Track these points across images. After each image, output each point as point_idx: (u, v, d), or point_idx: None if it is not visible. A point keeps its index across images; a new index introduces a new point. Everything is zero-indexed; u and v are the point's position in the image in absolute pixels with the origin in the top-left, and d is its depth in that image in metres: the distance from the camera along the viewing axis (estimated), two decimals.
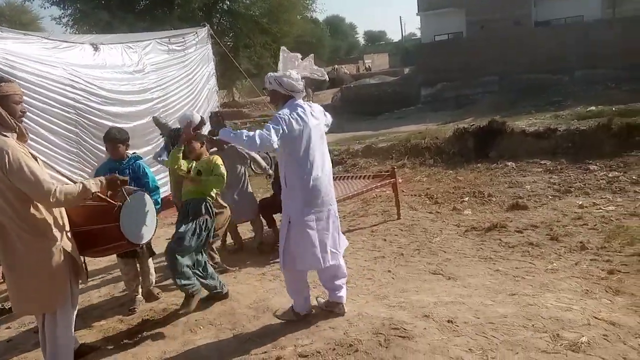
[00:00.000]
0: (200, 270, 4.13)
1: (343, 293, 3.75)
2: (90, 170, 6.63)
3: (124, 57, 7.76)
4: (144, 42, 8.25)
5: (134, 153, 4.58)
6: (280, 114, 3.36)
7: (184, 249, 3.93)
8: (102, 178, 3.03)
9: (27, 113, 3.00)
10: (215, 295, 4.30)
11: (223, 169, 4.27)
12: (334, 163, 8.07)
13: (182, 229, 3.99)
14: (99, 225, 2.92)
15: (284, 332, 3.61)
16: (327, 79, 4.02)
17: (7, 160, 2.62)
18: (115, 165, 4.29)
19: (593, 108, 14.06)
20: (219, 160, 4.33)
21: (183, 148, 4.25)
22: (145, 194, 3.22)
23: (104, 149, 4.50)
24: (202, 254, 4.20)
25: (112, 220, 2.86)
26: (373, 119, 21.46)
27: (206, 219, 4.13)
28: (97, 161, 6.46)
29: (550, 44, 21.49)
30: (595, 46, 20.47)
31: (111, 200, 2.89)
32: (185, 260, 3.95)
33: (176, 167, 4.24)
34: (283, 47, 3.69)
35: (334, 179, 4.48)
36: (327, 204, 3.55)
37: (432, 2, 25.53)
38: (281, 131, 3.26)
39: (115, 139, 4.24)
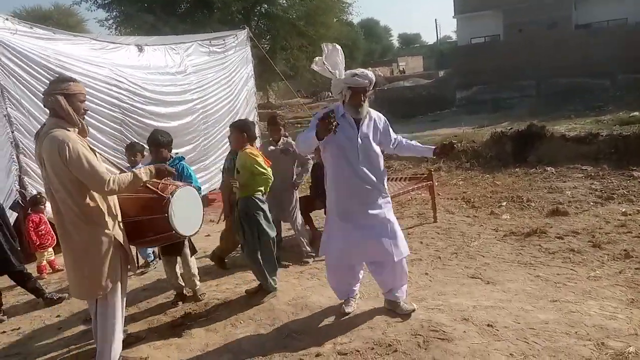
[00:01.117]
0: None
1: None
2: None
3: (167, 59, 7.98)
4: (186, 44, 8.47)
5: (177, 154, 4.73)
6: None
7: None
8: (152, 167, 3.17)
9: None
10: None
11: (260, 167, 4.17)
12: None
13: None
14: (148, 216, 3.05)
15: (323, 330, 3.66)
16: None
17: (67, 152, 2.81)
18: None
19: (636, 113, 13.60)
20: (254, 156, 4.19)
21: None
22: (194, 188, 3.33)
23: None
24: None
25: (160, 212, 2.98)
26: (407, 122, 21.30)
27: (253, 215, 4.23)
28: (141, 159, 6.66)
29: (590, 47, 20.90)
30: (639, 50, 19.80)
31: (161, 193, 3.01)
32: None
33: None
34: (332, 44, 3.59)
35: None
36: None
37: (469, 5, 25.22)
38: None
39: (158, 143, 4.35)
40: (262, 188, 4.30)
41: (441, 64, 40.09)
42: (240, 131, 4.31)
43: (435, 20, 76.26)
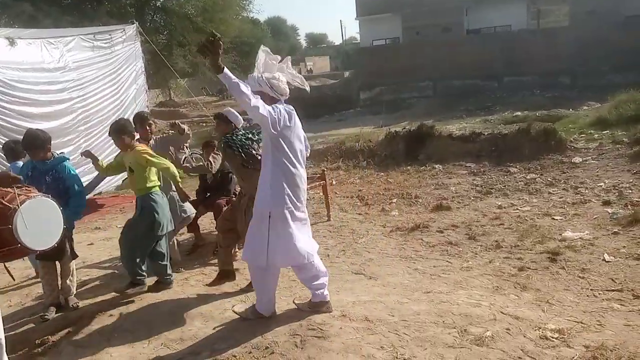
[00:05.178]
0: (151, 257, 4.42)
1: (327, 291, 3.73)
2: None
3: (44, 54, 7.37)
4: (66, 38, 7.87)
5: (62, 153, 4.42)
6: (274, 106, 3.28)
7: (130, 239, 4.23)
8: None
9: None
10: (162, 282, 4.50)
11: (155, 159, 4.22)
12: None
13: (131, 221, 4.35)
14: None
15: (201, 337, 3.56)
16: (309, 89, 3.71)
17: None
18: (39, 164, 4.15)
19: (519, 113, 14.90)
20: (145, 151, 4.24)
21: None
22: (48, 198, 3.07)
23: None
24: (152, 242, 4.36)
25: (5, 223, 2.72)
26: (314, 121, 21.59)
27: (149, 209, 4.24)
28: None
29: (480, 51, 22.53)
30: (521, 54, 21.67)
31: (6, 203, 2.75)
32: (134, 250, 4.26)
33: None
34: (264, 47, 3.54)
35: None
36: (305, 203, 3.55)
37: (370, 7, 26.10)
38: (275, 117, 3.20)
39: (29, 145, 4.10)
40: (157, 184, 4.36)
41: (347, 64, 41.14)
42: (119, 134, 4.24)
43: (341, 21, 77.99)
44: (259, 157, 3.98)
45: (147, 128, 4.85)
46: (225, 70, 3.04)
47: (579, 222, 5.69)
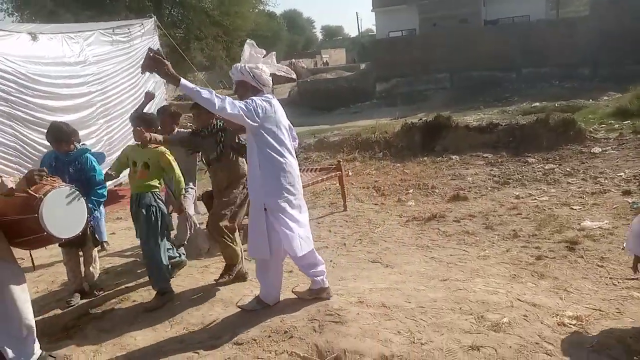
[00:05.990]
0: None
1: (326, 277, 3.77)
2: (31, 165, 6.43)
3: (64, 48, 7.51)
4: (86, 33, 8.01)
5: (83, 144, 4.55)
6: (248, 99, 3.32)
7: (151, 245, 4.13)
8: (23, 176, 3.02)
9: None
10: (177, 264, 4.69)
11: (175, 166, 4.20)
12: None
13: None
14: (20, 216, 2.87)
15: (222, 322, 3.64)
16: (295, 76, 3.90)
17: None
18: (61, 156, 4.31)
19: (537, 104, 14.70)
20: (167, 154, 4.19)
21: None
22: (72, 188, 3.17)
23: (46, 142, 4.48)
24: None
25: (31, 212, 2.82)
26: (330, 113, 21.59)
27: (156, 208, 4.16)
28: (39, 155, 6.23)
29: (498, 42, 22.20)
30: (540, 45, 21.31)
31: (32, 192, 2.85)
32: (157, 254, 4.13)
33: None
34: (250, 41, 3.61)
35: None
36: (300, 191, 3.58)
37: None
38: (251, 109, 3.21)
39: (54, 138, 4.25)
40: (160, 185, 4.33)
41: (363, 56, 40.89)
42: (145, 125, 4.22)
43: (357, 13, 77.66)
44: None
45: (175, 125, 4.93)
46: (182, 80, 3.07)
47: (598, 211, 5.64)
